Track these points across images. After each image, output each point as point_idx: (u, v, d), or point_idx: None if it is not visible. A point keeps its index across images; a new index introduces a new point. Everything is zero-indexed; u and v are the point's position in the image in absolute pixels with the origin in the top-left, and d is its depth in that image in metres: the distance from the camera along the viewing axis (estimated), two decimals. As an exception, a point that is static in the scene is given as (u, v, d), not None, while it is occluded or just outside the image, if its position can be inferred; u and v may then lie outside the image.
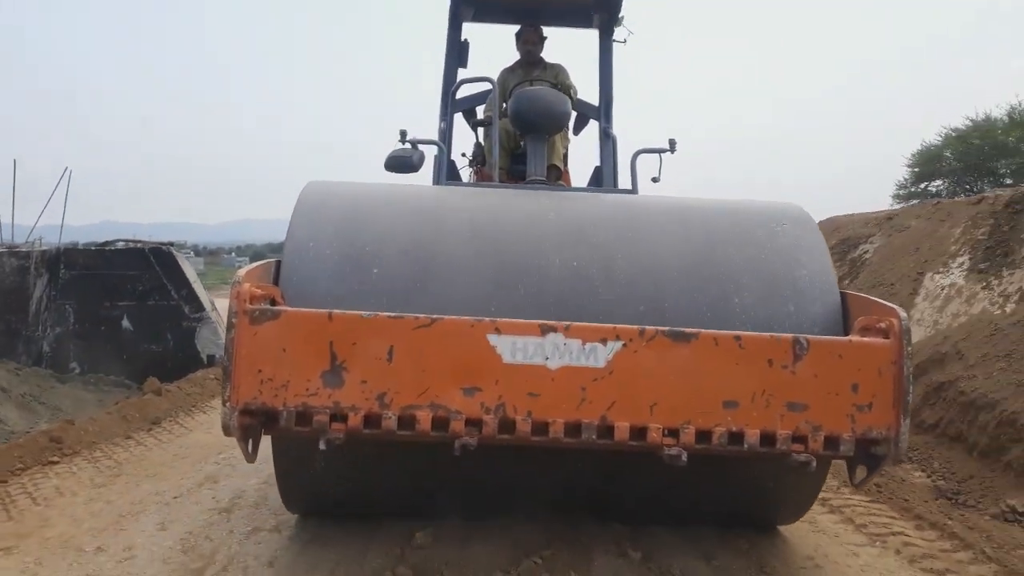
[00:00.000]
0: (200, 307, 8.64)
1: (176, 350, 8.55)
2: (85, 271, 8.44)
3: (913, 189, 22.61)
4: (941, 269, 7.21)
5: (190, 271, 8.86)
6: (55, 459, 4.90)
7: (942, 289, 6.94)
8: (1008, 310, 5.96)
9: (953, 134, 21.98)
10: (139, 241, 9.12)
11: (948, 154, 21.93)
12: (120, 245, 8.89)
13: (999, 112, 22.26)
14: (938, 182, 22.34)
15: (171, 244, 8.85)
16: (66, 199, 11.77)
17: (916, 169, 22.82)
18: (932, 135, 24.18)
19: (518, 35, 5.56)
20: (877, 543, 3.68)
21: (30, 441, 5.13)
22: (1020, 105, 21.83)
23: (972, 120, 22.46)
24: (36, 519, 3.85)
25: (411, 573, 3.10)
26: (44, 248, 9.21)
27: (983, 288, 6.49)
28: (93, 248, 8.95)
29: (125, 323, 8.40)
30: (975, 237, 7.09)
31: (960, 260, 7.04)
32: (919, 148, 23.06)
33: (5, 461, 4.69)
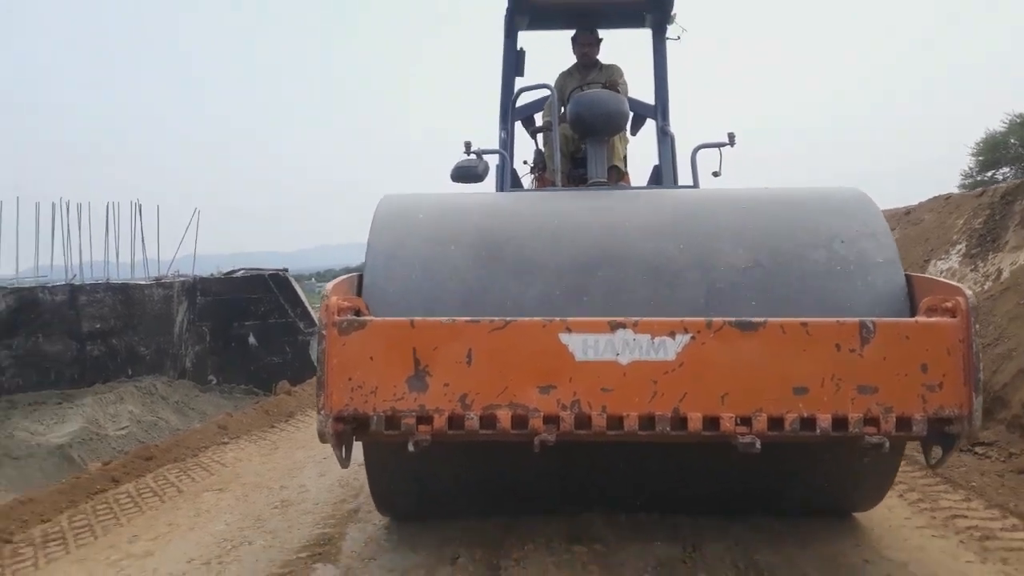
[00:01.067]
0: (312, 323, 10.05)
1: (293, 360, 10.14)
2: (217, 297, 9.95)
3: (979, 178, 21.85)
4: (943, 256, 7.91)
5: (301, 292, 10.45)
6: (225, 440, 6.47)
7: (940, 273, 7.54)
8: (986, 287, 6.64)
9: (1017, 120, 21.33)
10: (259, 269, 10.55)
11: (1013, 140, 21.25)
12: (241, 273, 10.45)
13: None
14: (1005, 169, 21.58)
15: (285, 270, 10.22)
16: (197, 235, 12.98)
17: (981, 157, 22.23)
18: (996, 122, 23.50)
19: (574, 39, 5.66)
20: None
21: (204, 429, 6.88)
22: None
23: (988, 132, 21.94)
24: (230, 474, 5.36)
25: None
26: (183, 278, 10.67)
27: (971, 271, 7.19)
28: (223, 276, 10.56)
29: (251, 339, 9.95)
30: (973, 226, 7.71)
31: (958, 247, 7.73)
32: (983, 135, 22.39)
33: (191, 441, 6.33)
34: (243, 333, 9.93)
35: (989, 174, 21.76)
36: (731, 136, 4.77)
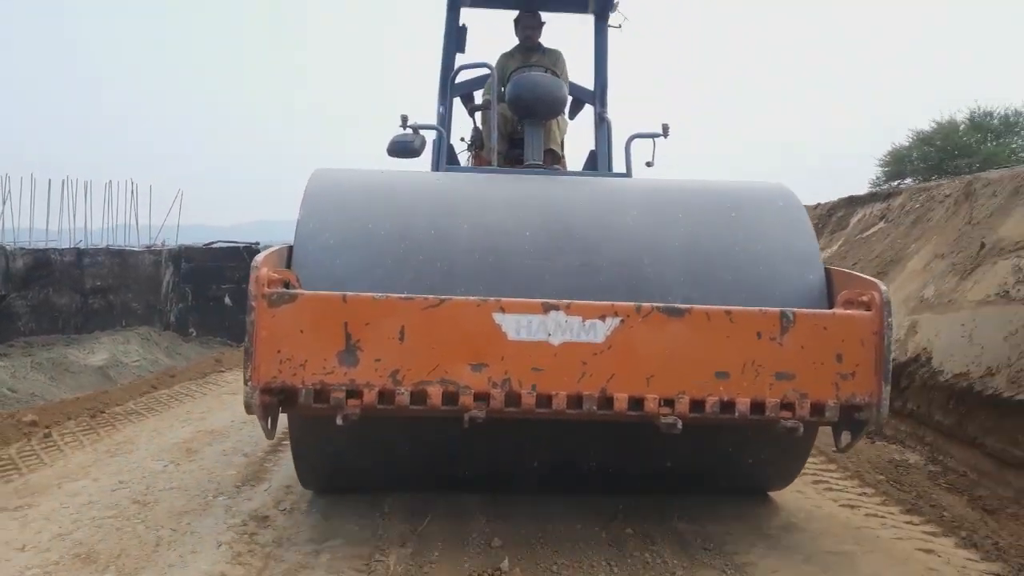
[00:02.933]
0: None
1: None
2: (199, 263, 11.87)
3: (884, 187, 23.28)
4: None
5: None
6: (222, 370, 8.52)
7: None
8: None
9: (918, 138, 23.37)
10: (235, 242, 12.74)
11: (915, 155, 22.82)
12: (219, 245, 12.66)
13: (961, 116, 23.49)
14: (908, 180, 23.17)
15: (257, 243, 12.08)
16: (180, 215, 16.45)
17: (887, 168, 23.94)
18: (902, 137, 25.39)
19: (517, 21, 5.64)
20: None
21: (204, 361, 9.21)
22: (979, 109, 22.77)
23: (937, 123, 23.77)
24: (234, 387, 7.25)
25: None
26: (170, 247, 12.69)
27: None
28: (204, 247, 12.51)
29: (227, 300, 11.74)
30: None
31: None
32: (890, 148, 24.42)
33: (196, 369, 8.56)
34: (220, 295, 11.76)
35: (896, 183, 23.17)
36: (665, 127, 4.86)
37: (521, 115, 4.71)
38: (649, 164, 4.90)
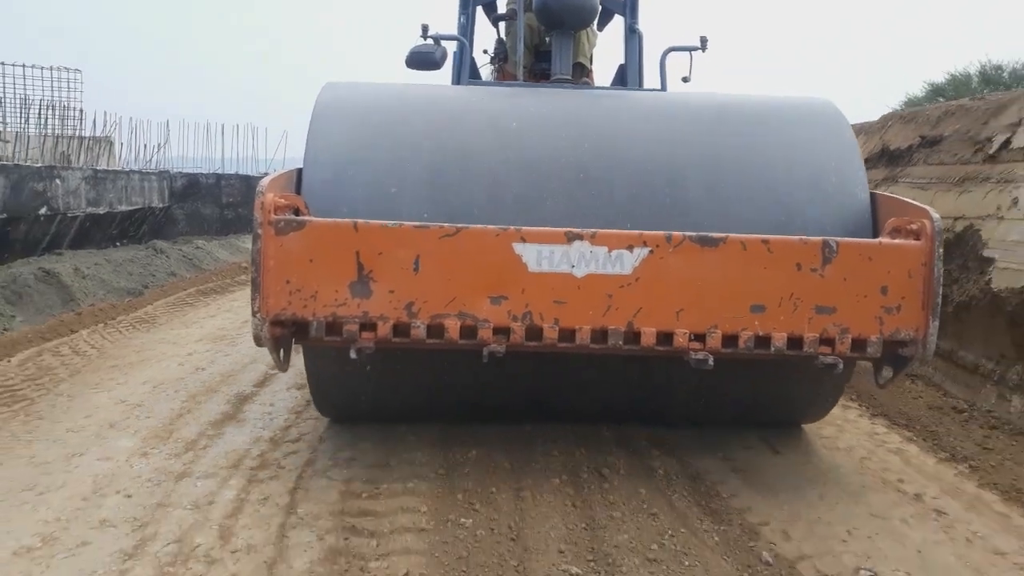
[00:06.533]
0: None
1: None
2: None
3: None
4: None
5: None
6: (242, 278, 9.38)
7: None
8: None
9: (932, 88, 23.12)
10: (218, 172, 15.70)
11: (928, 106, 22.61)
12: (207, 172, 15.25)
13: (973, 69, 23.33)
14: None
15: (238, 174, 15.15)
16: (286, 150, 18.64)
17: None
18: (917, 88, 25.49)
19: (540, -79, 5.27)
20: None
21: (229, 267, 10.53)
22: (989, 62, 22.87)
23: (950, 74, 23.68)
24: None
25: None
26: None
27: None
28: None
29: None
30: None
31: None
32: (904, 99, 24.07)
33: (227, 275, 9.70)
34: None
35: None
36: (703, 40, 4.54)
37: (549, 25, 4.39)
38: (686, 80, 4.61)
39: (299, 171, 2.88)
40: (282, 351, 2.69)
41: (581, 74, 4.90)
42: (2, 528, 2.59)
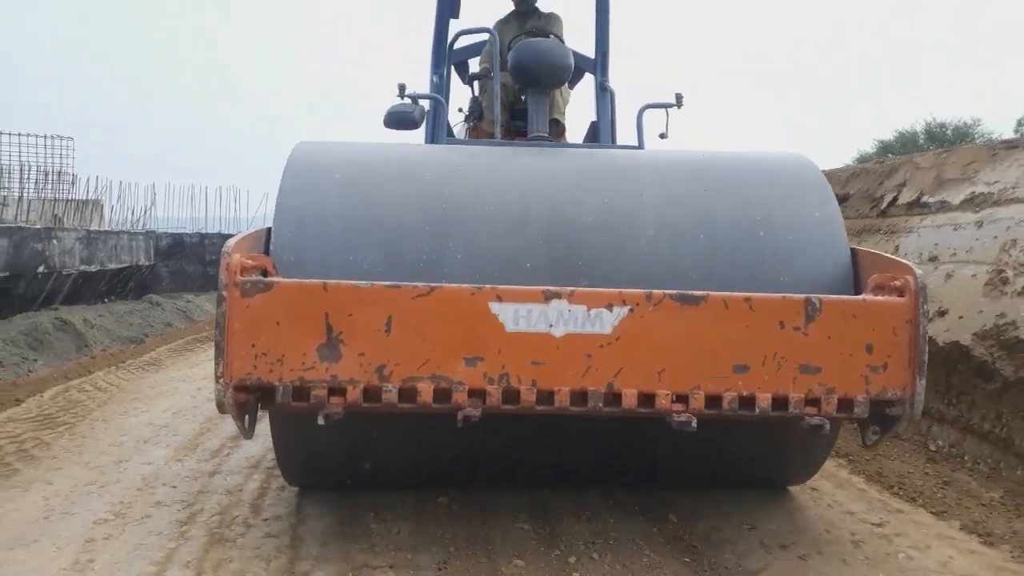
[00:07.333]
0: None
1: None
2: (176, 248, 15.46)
3: None
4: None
5: None
6: None
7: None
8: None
9: (881, 145, 25.35)
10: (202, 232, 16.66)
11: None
12: (191, 232, 16.41)
13: (919, 127, 25.65)
14: None
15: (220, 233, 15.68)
16: (267, 208, 18.96)
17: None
18: (868, 146, 28.08)
19: (511, -19, 5.33)
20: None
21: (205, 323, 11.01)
22: (934, 121, 25.32)
23: (899, 132, 26.25)
24: None
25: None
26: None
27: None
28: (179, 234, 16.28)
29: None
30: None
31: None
32: (856, 156, 26.07)
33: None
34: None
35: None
36: (679, 97, 4.57)
37: (525, 84, 4.40)
38: (663, 136, 4.62)
39: (268, 230, 2.79)
40: (247, 418, 2.56)
41: (557, 131, 4.91)
42: (79, 507, 3.32)
